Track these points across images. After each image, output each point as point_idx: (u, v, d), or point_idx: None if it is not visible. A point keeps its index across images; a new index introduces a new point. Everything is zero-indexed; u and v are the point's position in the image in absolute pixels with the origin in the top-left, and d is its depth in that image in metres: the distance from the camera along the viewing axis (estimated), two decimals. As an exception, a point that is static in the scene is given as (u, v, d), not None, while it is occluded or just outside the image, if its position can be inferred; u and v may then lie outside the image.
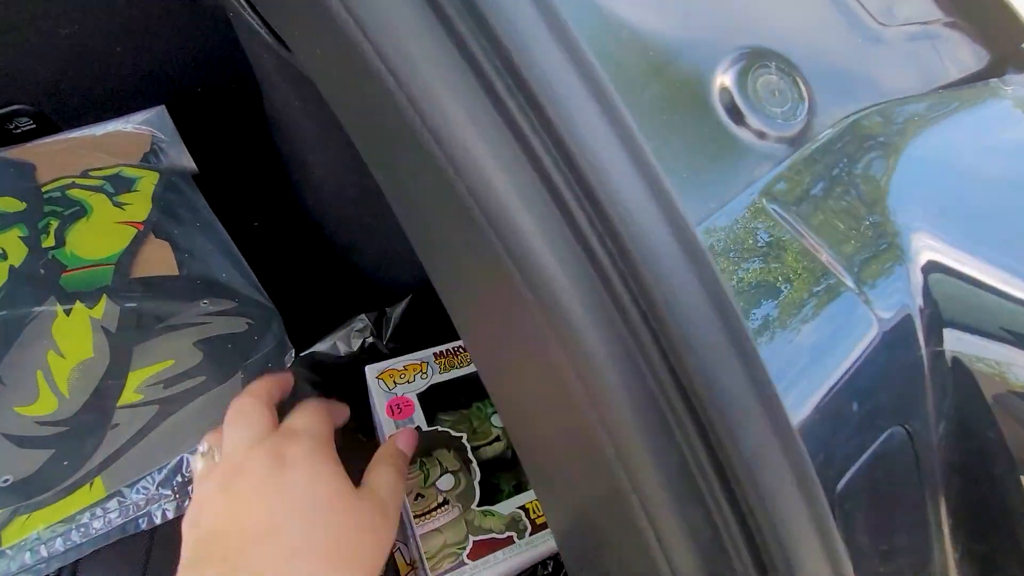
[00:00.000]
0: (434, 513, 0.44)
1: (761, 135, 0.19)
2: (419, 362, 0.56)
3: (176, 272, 0.57)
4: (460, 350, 0.59)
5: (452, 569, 0.42)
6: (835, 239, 0.19)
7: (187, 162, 0.69)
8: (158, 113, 0.68)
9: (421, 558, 0.42)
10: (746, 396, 0.18)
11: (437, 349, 0.58)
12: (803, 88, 0.19)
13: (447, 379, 0.56)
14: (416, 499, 0.45)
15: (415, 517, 0.44)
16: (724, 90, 0.18)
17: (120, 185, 0.62)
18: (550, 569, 0.43)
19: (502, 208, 0.18)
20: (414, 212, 0.24)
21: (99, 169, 0.63)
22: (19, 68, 0.69)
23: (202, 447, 0.38)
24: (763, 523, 0.18)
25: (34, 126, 0.71)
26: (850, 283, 0.20)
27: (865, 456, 0.20)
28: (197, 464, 0.38)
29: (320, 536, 0.32)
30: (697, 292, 0.18)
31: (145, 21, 0.69)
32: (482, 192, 0.19)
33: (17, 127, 0.70)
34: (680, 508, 0.19)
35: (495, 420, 0.56)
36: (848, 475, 0.19)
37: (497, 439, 0.56)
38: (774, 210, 0.19)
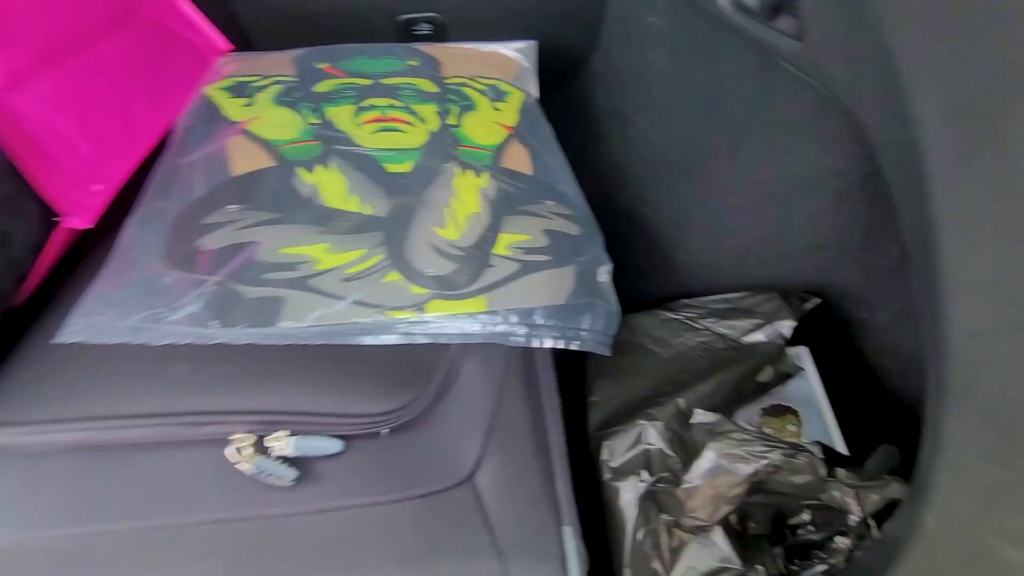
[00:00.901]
0: None
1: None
2: None
3: (532, 174, 0.69)
4: None
5: None
6: None
7: (535, 93, 0.82)
8: (531, 46, 0.82)
9: None
10: None
11: None
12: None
13: None
14: None
15: None
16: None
17: (497, 94, 0.76)
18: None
19: None
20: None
21: (484, 78, 0.77)
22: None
23: None
24: None
25: (429, 32, 0.87)
26: None
27: None
28: None
29: None
30: None
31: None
32: None
33: (418, 30, 0.87)
34: None
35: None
36: None
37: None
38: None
